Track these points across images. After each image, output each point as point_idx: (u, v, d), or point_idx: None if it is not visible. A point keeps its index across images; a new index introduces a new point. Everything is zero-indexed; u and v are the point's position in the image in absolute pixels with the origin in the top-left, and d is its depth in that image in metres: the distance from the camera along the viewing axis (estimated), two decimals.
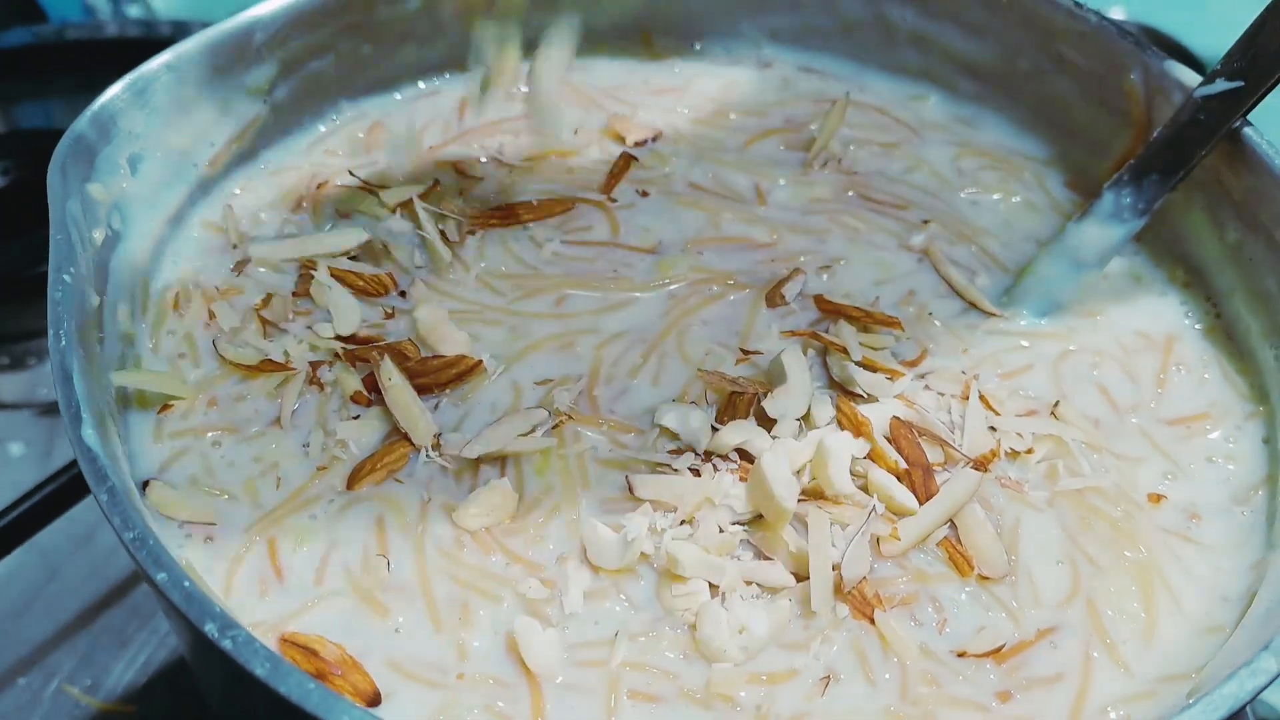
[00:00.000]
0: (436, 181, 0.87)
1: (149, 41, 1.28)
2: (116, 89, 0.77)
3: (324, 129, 0.92)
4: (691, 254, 0.84)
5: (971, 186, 0.91)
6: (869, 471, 0.70)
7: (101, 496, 0.59)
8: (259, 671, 0.53)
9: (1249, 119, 0.79)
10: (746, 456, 0.70)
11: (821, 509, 0.67)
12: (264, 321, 0.77)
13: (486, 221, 0.85)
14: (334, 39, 0.89)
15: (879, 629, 0.65)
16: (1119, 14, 1.57)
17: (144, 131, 0.79)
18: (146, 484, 0.69)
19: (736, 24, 0.99)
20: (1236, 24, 0.78)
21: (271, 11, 0.84)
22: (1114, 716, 0.63)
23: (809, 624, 0.65)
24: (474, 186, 0.87)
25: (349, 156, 0.90)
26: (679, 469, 0.70)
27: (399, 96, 0.95)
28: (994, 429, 0.74)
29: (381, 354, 0.73)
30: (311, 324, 0.77)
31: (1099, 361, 0.80)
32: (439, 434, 0.72)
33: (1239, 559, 0.71)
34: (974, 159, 0.93)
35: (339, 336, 0.76)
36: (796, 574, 0.67)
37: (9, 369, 1.16)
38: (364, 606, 0.65)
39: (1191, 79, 0.81)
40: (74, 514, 0.97)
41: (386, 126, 0.93)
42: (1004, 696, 0.64)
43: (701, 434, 0.71)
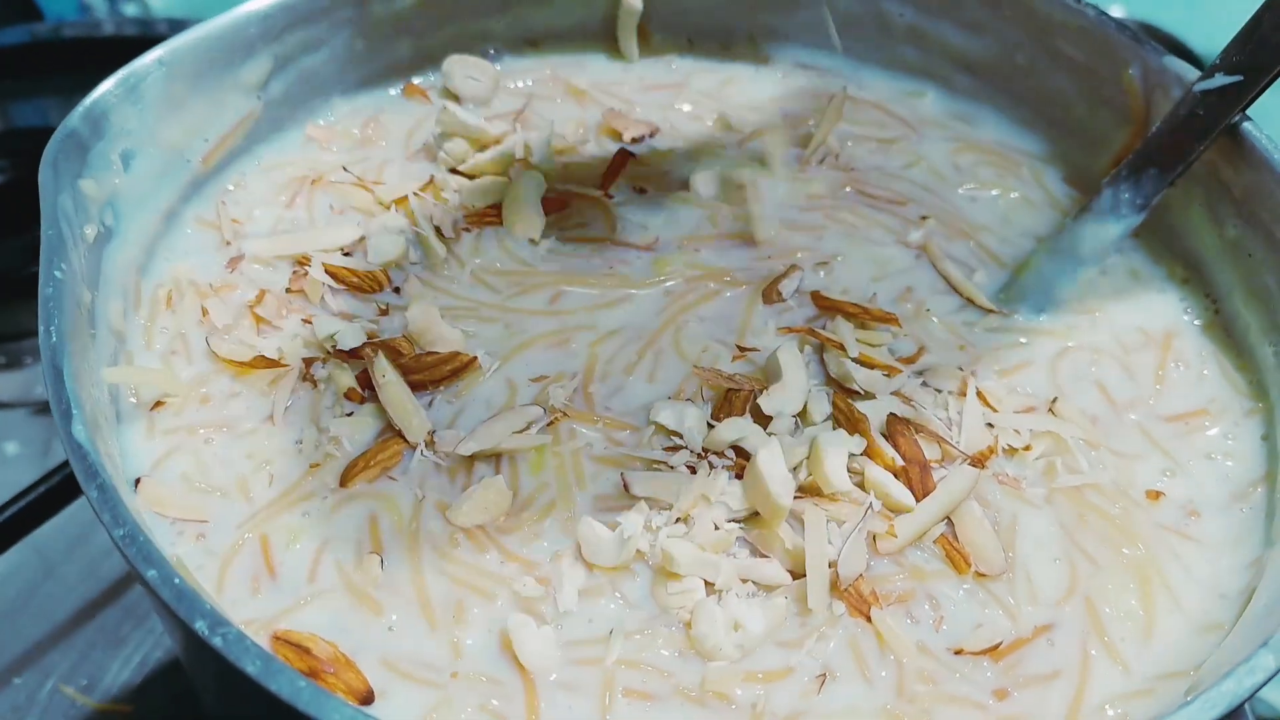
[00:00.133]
0: (431, 177, 0.87)
1: (145, 40, 1.27)
2: (108, 84, 0.76)
3: (318, 125, 0.92)
4: (688, 251, 0.83)
5: (969, 183, 0.91)
6: (866, 468, 0.69)
7: (91, 493, 0.59)
8: (250, 669, 0.53)
9: (1248, 114, 0.78)
10: (742, 454, 0.70)
11: (818, 506, 0.67)
12: (257, 318, 0.77)
13: (482, 218, 0.84)
14: (328, 34, 0.89)
15: (876, 627, 0.65)
16: (1118, 12, 1.57)
17: (136, 127, 0.78)
18: (138, 481, 0.69)
19: (734, 20, 0.99)
20: (1235, 21, 0.78)
21: (265, 6, 0.83)
22: (1111, 714, 0.63)
23: (805, 622, 0.65)
24: (469, 183, 0.87)
25: (343, 152, 0.90)
26: (675, 466, 0.70)
27: (393, 92, 0.95)
28: (992, 426, 0.73)
29: (375, 351, 0.73)
30: (305, 320, 0.77)
31: (1097, 358, 0.80)
32: (433, 431, 0.71)
33: (1237, 556, 0.70)
34: (972, 155, 0.93)
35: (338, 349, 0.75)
36: (793, 571, 0.66)
37: (5, 368, 1.16)
38: (357, 604, 0.65)
39: (1190, 73, 0.81)
40: (70, 513, 0.97)
41: (381, 122, 0.92)
42: (1001, 694, 0.63)
43: (697, 431, 0.71)
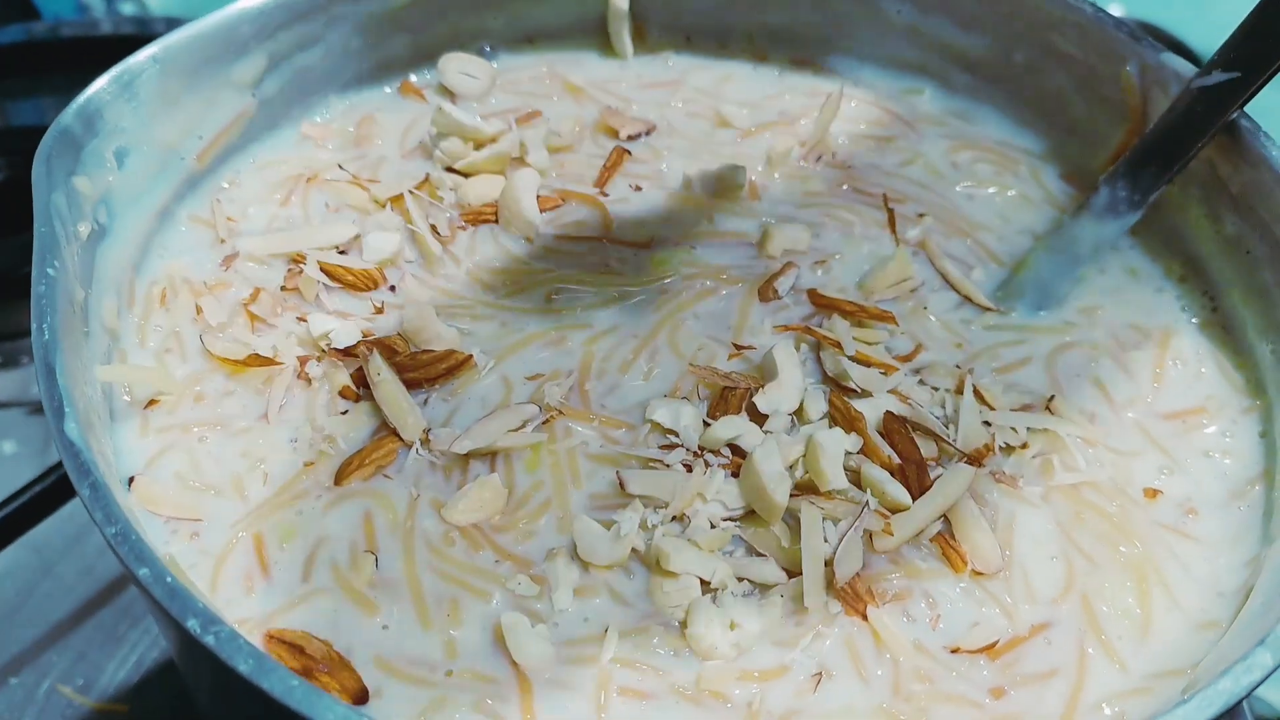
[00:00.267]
0: (427, 176, 0.86)
1: (143, 39, 1.27)
2: (102, 82, 0.76)
3: (313, 122, 0.92)
4: (684, 248, 0.83)
5: (967, 180, 0.91)
6: (862, 466, 0.69)
7: (84, 491, 0.58)
8: (242, 668, 0.53)
9: (1246, 111, 0.78)
10: (739, 452, 0.70)
11: (814, 504, 0.67)
12: (252, 316, 0.77)
13: (477, 216, 0.84)
14: (323, 31, 0.88)
15: (872, 625, 0.64)
16: (1117, 10, 1.57)
17: (130, 125, 0.78)
18: (132, 480, 0.69)
19: (731, 17, 0.98)
20: (1234, 19, 0.78)
21: (260, 4, 0.83)
22: (1108, 713, 0.63)
23: (801, 620, 0.65)
24: (465, 181, 0.86)
25: (338, 150, 0.90)
26: (670, 465, 0.69)
27: (389, 90, 0.95)
28: (989, 424, 0.73)
29: (370, 349, 0.73)
30: (300, 318, 0.77)
31: (1095, 356, 0.79)
32: (428, 429, 0.71)
33: (1235, 554, 0.70)
34: (969, 153, 0.93)
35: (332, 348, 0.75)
36: (788, 570, 0.66)
37: (2, 367, 1.16)
38: (352, 603, 0.65)
39: (1188, 70, 0.81)
40: (67, 512, 0.97)
41: (377, 120, 0.92)
42: (998, 693, 0.63)
43: (693, 430, 0.71)
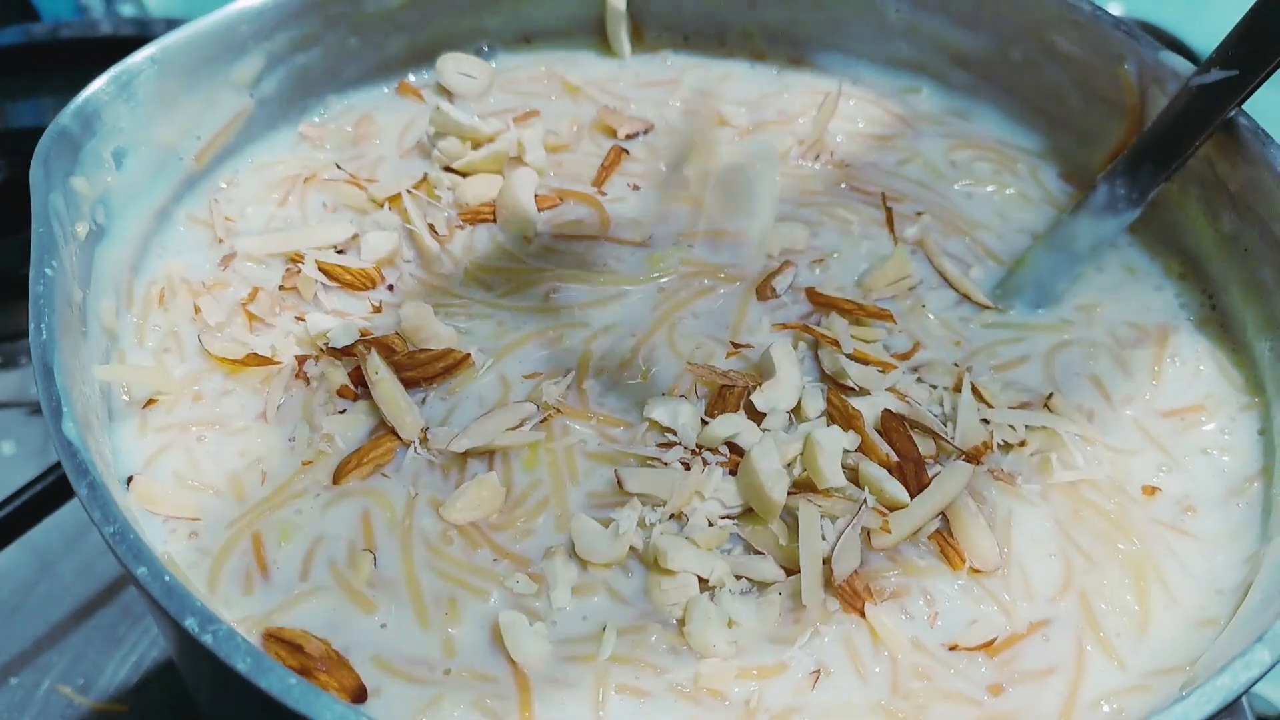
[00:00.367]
0: (425, 175, 0.86)
1: (142, 40, 1.27)
2: (100, 82, 0.76)
3: (311, 123, 0.92)
4: (682, 247, 0.83)
5: (965, 179, 0.91)
6: (860, 464, 0.69)
7: (82, 490, 0.59)
8: (240, 667, 0.53)
9: (1244, 108, 0.78)
10: (736, 450, 0.70)
11: (812, 502, 0.67)
12: (250, 316, 0.77)
13: (475, 215, 0.84)
14: (321, 31, 0.89)
15: (870, 623, 0.64)
16: (1117, 10, 1.56)
17: (128, 125, 0.78)
18: (130, 479, 0.69)
19: (729, 16, 0.98)
20: (1232, 18, 0.77)
21: (258, 4, 0.83)
22: (1107, 710, 0.63)
23: (799, 618, 0.65)
24: (463, 180, 0.86)
25: (336, 150, 0.90)
26: (669, 463, 0.69)
27: (386, 90, 0.95)
28: (987, 421, 0.73)
29: (368, 348, 0.73)
30: (298, 317, 0.77)
31: (1093, 353, 0.79)
32: (426, 428, 0.71)
33: (1233, 551, 0.70)
34: (967, 151, 0.93)
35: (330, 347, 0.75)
36: (786, 568, 0.66)
37: (1, 368, 1.16)
38: (350, 602, 0.65)
39: (1186, 68, 0.81)
40: (66, 513, 0.96)
41: (375, 120, 0.92)
42: (996, 690, 0.63)
43: (691, 428, 0.71)
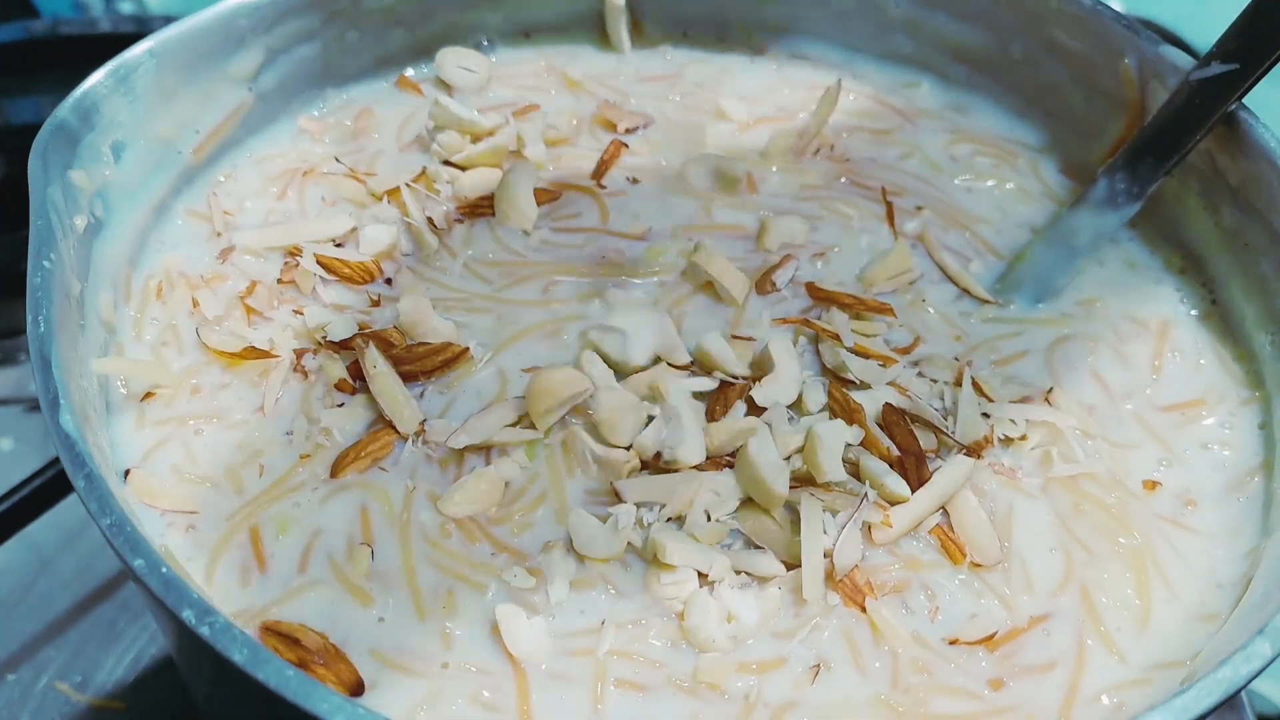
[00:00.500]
0: (424, 169, 0.86)
1: (141, 37, 1.28)
2: (99, 75, 0.76)
3: (310, 116, 0.92)
4: (682, 240, 0.83)
5: (965, 173, 0.91)
6: (861, 458, 0.69)
7: (79, 483, 0.58)
8: (237, 658, 0.53)
9: (1244, 102, 0.78)
10: None
11: (813, 496, 0.66)
12: (248, 309, 0.77)
13: (474, 209, 0.84)
14: (320, 25, 0.88)
15: (870, 617, 0.64)
16: (1117, 7, 1.56)
17: (127, 119, 0.78)
18: (128, 473, 0.68)
19: (729, 11, 0.98)
20: (1233, 17, 0.77)
21: None
22: (1107, 703, 0.63)
23: (799, 612, 0.64)
24: (462, 174, 0.86)
25: (335, 144, 0.90)
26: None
27: (385, 83, 0.95)
28: (987, 416, 0.73)
29: (366, 341, 0.73)
30: (296, 310, 0.77)
31: (1094, 348, 0.79)
32: (424, 421, 0.71)
33: (1234, 546, 0.70)
34: (967, 146, 0.93)
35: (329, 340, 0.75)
36: (787, 562, 0.66)
37: (0, 365, 1.16)
38: (347, 595, 0.65)
39: (1186, 62, 0.80)
40: (64, 509, 0.96)
41: (374, 114, 0.92)
42: (996, 684, 0.63)
43: (696, 445, 0.69)
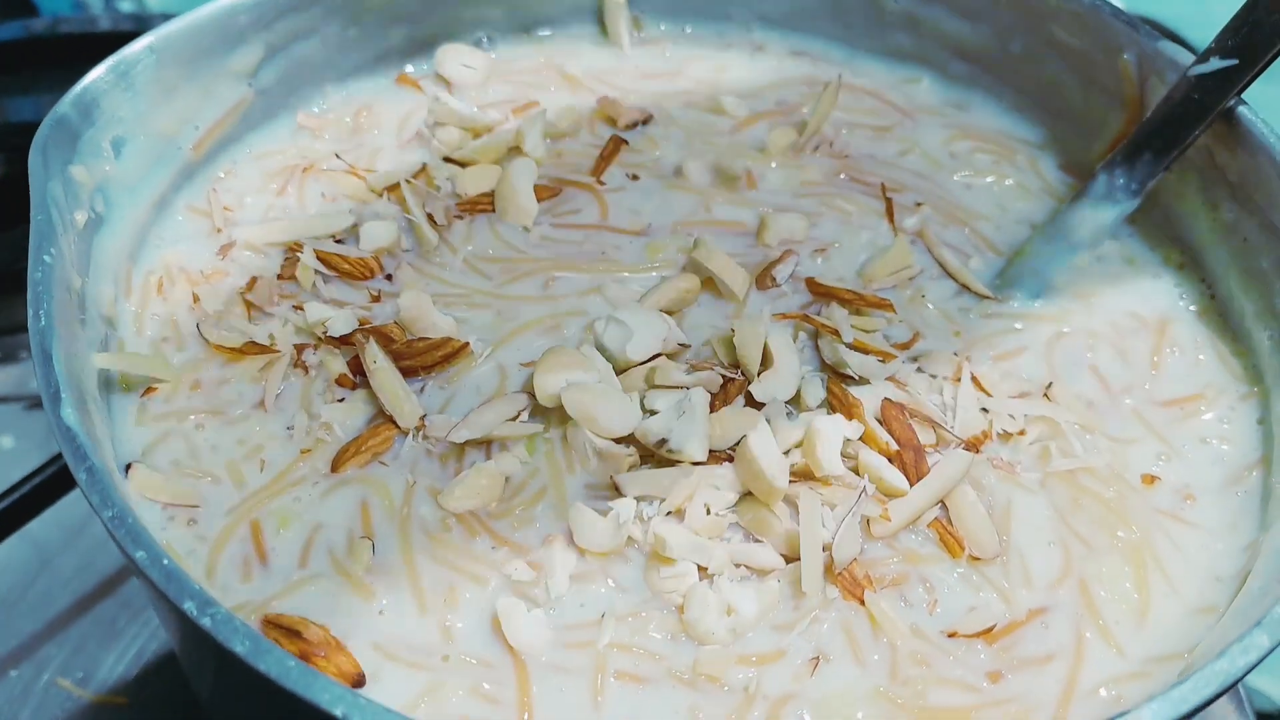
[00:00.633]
0: (424, 165, 0.86)
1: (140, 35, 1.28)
2: (99, 71, 0.76)
3: (310, 113, 0.92)
4: (681, 236, 0.83)
5: (964, 170, 0.91)
6: (860, 453, 0.69)
7: (81, 475, 0.58)
8: (239, 649, 0.53)
9: (1243, 98, 0.78)
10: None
11: (812, 490, 0.67)
12: (249, 305, 0.77)
13: (474, 205, 0.84)
14: (320, 21, 0.89)
15: (869, 610, 0.64)
16: (1116, 3, 1.56)
17: (127, 114, 0.78)
18: (129, 467, 0.69)
19: (729, 7, 0.98)
20: (1231, 13, 0.77)
21: None
22: (1105, 696, 0.63)
23: (798, 605, 0.65)
24: (462, 170, 0.86)
25: (335, 140, 0.90)
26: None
27: (385, 80, 0.95)
28: (986, 410, 0.73)
29: (367, 337, 0.73)
30: (297, 306, 0.77)
31: (1092, 343, 0.79)
32: (424, 416, 0.71)
33: (1232, 540, 0.70)
34: (966, 142, 0.93)
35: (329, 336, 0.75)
36: (786, 555, 0.66)
37: (1, 362, 1.16)
38: (348, 589, 0.65)
39: (1185, 58, 0.81)
40: (66, 505, 0.96)
41: (374, 110, 0.92)
42: (994, 676, 0.63)
43: (699, 443, 0.69)
